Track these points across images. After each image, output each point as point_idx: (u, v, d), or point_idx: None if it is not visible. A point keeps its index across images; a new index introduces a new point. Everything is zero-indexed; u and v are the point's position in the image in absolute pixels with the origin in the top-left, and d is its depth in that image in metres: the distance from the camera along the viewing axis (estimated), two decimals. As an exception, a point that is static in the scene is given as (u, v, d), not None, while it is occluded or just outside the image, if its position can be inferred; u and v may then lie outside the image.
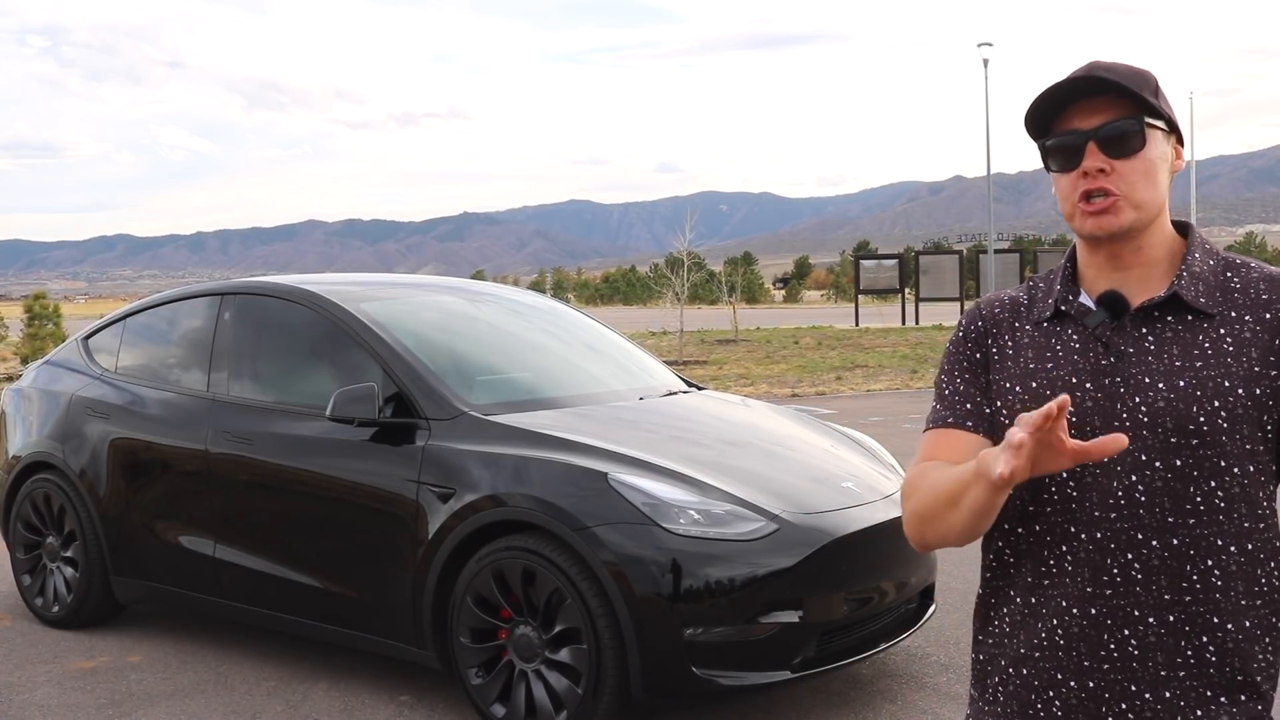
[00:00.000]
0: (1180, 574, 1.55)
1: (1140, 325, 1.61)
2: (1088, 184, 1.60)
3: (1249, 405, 1.55)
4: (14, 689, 5.00)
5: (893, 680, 4.84)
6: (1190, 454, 1.55)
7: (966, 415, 1.70)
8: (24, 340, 23.65)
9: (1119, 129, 1.59)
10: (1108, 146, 1.60)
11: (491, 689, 4.29)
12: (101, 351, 6.16)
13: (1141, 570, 1.55)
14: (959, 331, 1.78)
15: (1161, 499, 1.55)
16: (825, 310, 50.64)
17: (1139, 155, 1.60)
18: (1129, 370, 1.59)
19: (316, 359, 5.34)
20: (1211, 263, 1.65)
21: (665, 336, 26.77)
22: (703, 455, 4.60)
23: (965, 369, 1.74)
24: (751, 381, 17.51)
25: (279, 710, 4.66)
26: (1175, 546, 1.55)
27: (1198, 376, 1.56)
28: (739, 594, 4.03)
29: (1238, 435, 1.55)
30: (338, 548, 4.83)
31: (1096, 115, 1.61)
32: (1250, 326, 1.58)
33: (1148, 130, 1.60)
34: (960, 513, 1.55)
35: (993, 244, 35.17)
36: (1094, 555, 1.58)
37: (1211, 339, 1.58)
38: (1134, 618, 1.56)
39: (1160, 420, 1.55)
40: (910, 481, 1.72)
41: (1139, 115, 1.60)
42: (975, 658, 1.74)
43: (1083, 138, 1.61)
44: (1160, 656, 1.55)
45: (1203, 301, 1.60)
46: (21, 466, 6.05)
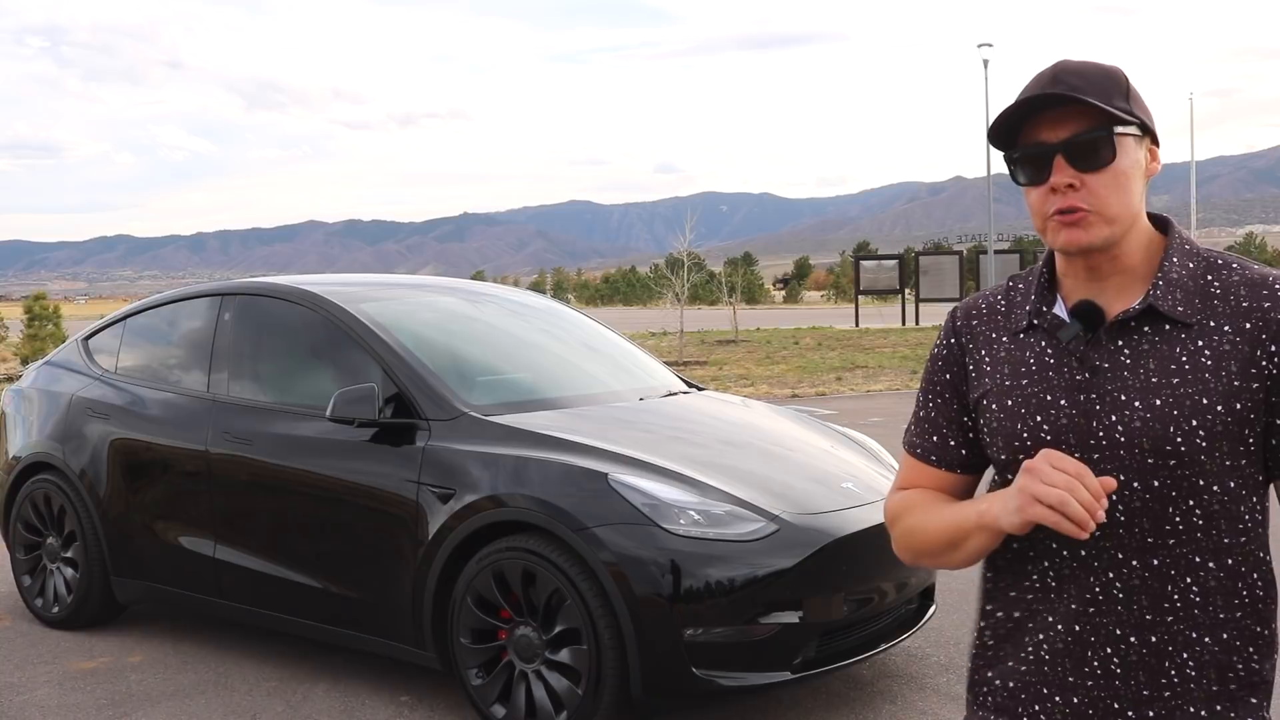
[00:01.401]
0: (1161, 594, 1.52)
1: (1116, 338, 1.55)
2: (1058, 201, 1.53)
3: (1229, 421, 1.49)
4: (14, 689, 5.00)
5: (893, 681, 4.84)
6: (1168, 474, 1.50)
7: (932, 449, 1.72)
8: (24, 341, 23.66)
9: (1087, 140, 1.52)
10: (1076, 159, 1.52)
11: (492, 689, 4.29)
12: (102, 352, 6.16)
13: (1123, 589, 1.52)
14: (934, 348, 1.75)
15: (1140, 519, 1.51)
16: (825, 311, 50.63)
17: (1109, 168, 1.52)
18: (1104, 387, 1.53)
19: (317, 359, 5.35)
20: (1192, 265, 1.57)
21: (665, 337, 26.77)
22: (703, 456, 4.60)
23: (938, 391, 1.72)
24: (751, 382, 17.51)
25: (279, 711, 4.66)
26: (1155, 566, 1.52)
27: (1175, 394, 1.50)
28: (739, 594, 4.03)
29: (1217, 453, 1.50)
30: (338, 548, 4.83)
31: (1064, 126, 1.53)
32: (1229, 337, 1.51)
33: (1118, 139, 1.53)
34: (962, 553, 1.63)
35: (993, 245, 35.17)
36: (1078, 573, 1.55)
37: (1189, 352, 1.51)
38: (1116, 636, 1.53)
39: (1137, 440, 1.50)
40: (895, 508, 1.75)
41: (1108, 125, 1.52)
42: (970, 664, 1.73)
43: (1050, 150, 1.53)
44: (1142, 675, 1.53)
45: (1180, 310, 1.53)
46: (22, 467, 6.05)
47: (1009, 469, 1.60)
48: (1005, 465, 1.62)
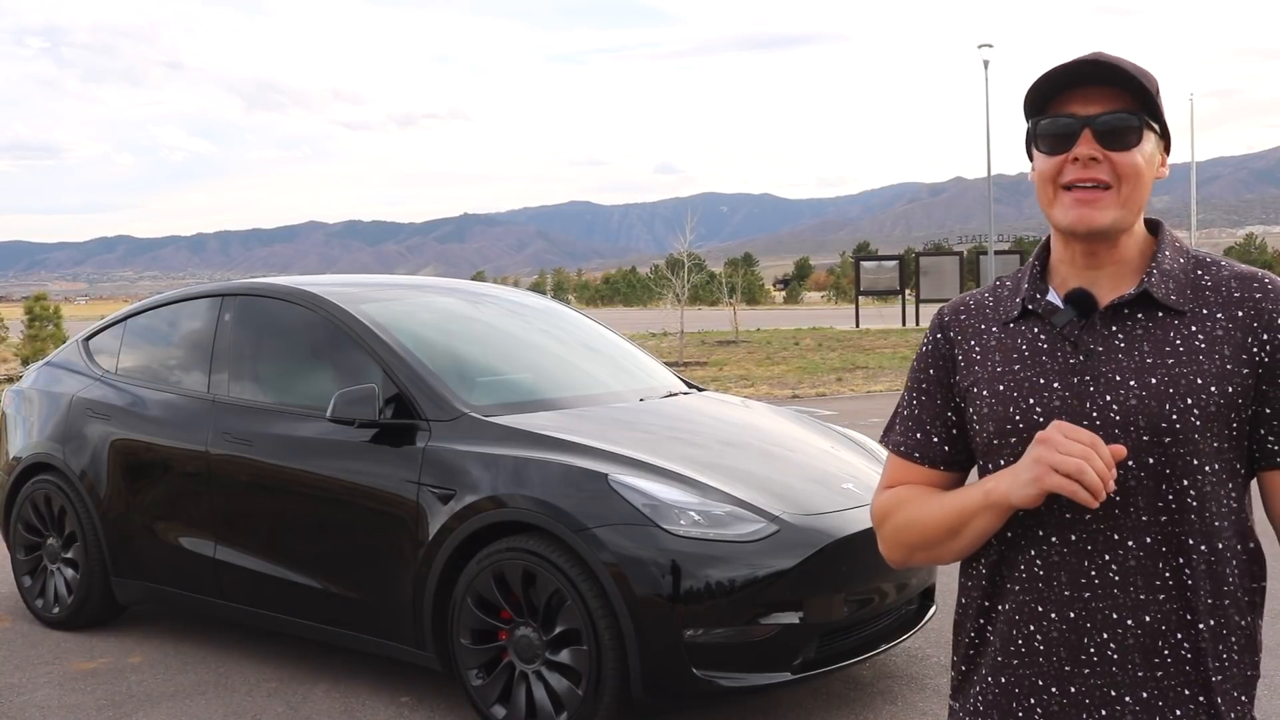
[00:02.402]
0: (1155, 573, 1.54)
1: (1110, 323, 1.58)
2: (1077, 172, 1.56)
3: (1221, 403, 1.53)
4: (14, 690, 5.00)
5: (893, 681, 4.84)
6: (1163, 452, 1.53)
7: (916, 446, 1.74)
8: (24, 341, 23.65)
9: (1119, 120, 1.56)
10: (1104, 137, 1.55)
11: (492, 690, 4.29)
12: (102, 353, 6.16)
13: (1119, 571, 1.54)
14: (922, 345, 1.77)
15: (1135, 498, 1.54)
16: (825, 311, 50.63)
17: (1133, 151, 1.56)
18: (1099, 369, 1.56)
19: (317, 360, 5.35)
20: (1182, 260, 1.62)
21: (665, 338, 26.77)
22: (703, 456, 4.61)
23: (924, 389, 1.74)
24: (752, 383, 17.51)
25: (279, 711, 4.67)
26: (1149, 546, 1.54)
27: (1170, 374, 1.53)
28: (739, 595, 4.03)
29: (1209, 433, 1.53)
30: (338, 549, 4.83)
31: (1096, 103, 1.56)
32: (1222, 324, 1.55)
33: (1145, 129, 1.57)
34: (962, 540, 1.63)
35: (993, 245, 35.17)
36: (1068, 559, 1.56)
37: (1183, 336, 1.55)
38: (1112, 620, 1.55)
39: (1132, 418, 1.53)
40: (884, 506, 1.75)
41: (1139, 111, 1.56)
42: (955, 668, 1.73)
43: (1080, 123, 1.56)
44: (1138, 658, 1.54)
45: (1173, 299, 1.57)
46: (22, 468, 6.05)
47: (996, 454, 1.63)
48: (991, 450, 1.64)
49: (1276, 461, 1.57)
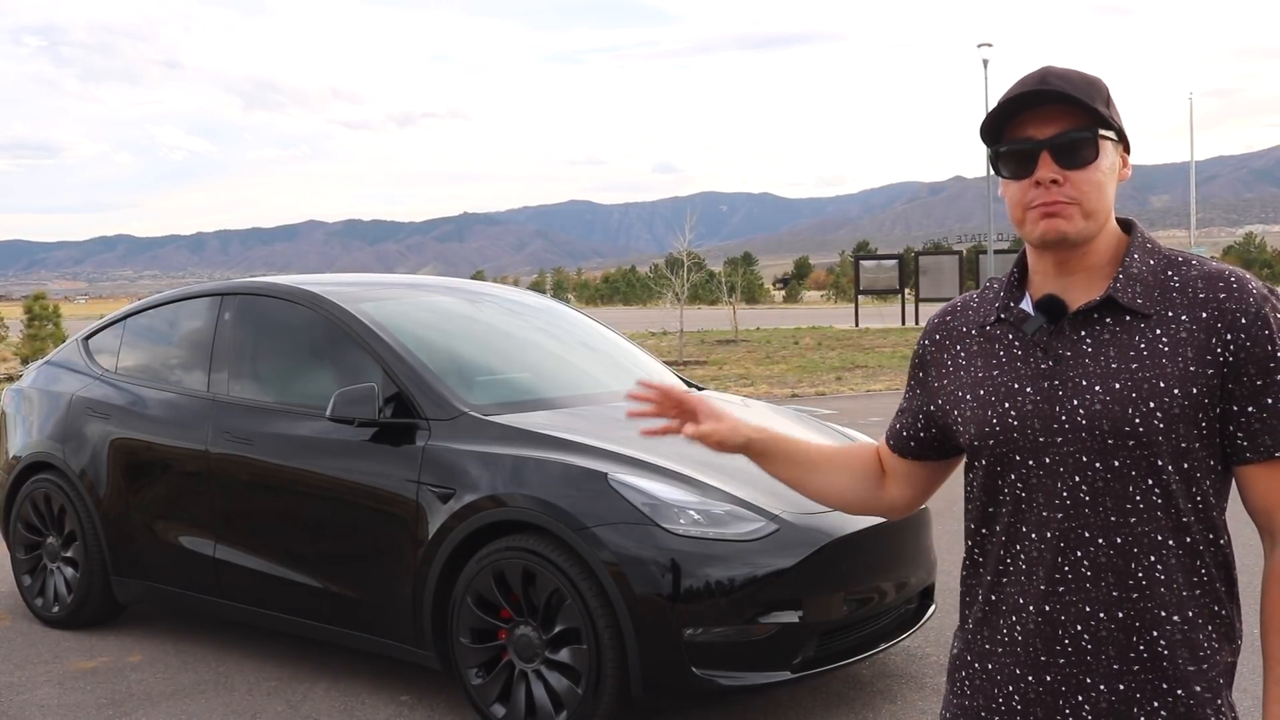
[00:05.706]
0: (1126, 571, 1.59)
1: (1079, 328, 1.63)
2: (1041, 196, 1.61)
3: (1185, 405, 1.57)
4: (14, 689, 5.00)
5: (893, 680, 4.84)
6: (1127, 454, 1.58)
7: (891, 434, 1.91)
8: (24, 340, 23.65)
9: (1073, 139, 1.60)
10: (1061, 156, 1.60)
11: (491, 689, 4.30)
12: (102, 352, 6.16)
13: (1090, 568, 1.60)
14: (915, 347, 1.88)
15: (1104, 498, 1.59)
16: (825, 311, 50.63)
17: (1092, 166, 1.61)
18: (1067, 374, 1.62)
19: (317, 359, 5.35)
20: (1152, 262, 1.65)
21: (665, 337, 26.78)
22: (702, 455, 4.58)
23: (910, 386, 1.90)
24: (751, 382, 17.52)
25: (279, 710, 4.67)
26: (1119, 545, 1.59)
27: (1133, 379, 1.58)
28: (739, 594, 4.03)
29: (1174, 434, 1.57)
30: (338, 548, 4.83)
31: (1052, 124, 1.61)
32: (1186, 326, 1.59)
33: (1100, 141, 1.61)
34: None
35: (993, 244, 35.16)
36: (1045, 554, 1.63)
37: (1148, 339, 1.60)
38: (1085, 614, 1.60)
39: (1097, 422, 1.58)
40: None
41: (1092, 126, 1.61)
42: (951, 652, 1.83)
43: (1037, 146, 1.61)
44: (1112, 651, 1.60)
45: (1139, 302, 1.61)
46: (22, 467, 6.05)
47: (977, 454, 1.71)
48: (974, 450, 1.72)
49: (1247, 457, 1.61)
